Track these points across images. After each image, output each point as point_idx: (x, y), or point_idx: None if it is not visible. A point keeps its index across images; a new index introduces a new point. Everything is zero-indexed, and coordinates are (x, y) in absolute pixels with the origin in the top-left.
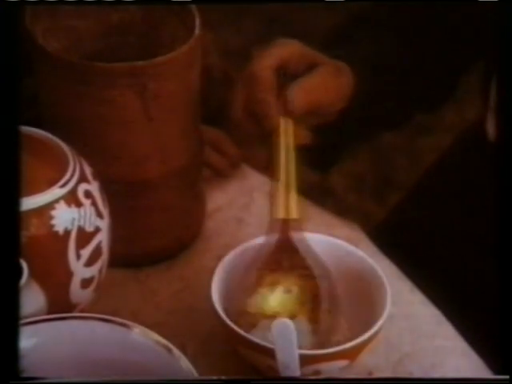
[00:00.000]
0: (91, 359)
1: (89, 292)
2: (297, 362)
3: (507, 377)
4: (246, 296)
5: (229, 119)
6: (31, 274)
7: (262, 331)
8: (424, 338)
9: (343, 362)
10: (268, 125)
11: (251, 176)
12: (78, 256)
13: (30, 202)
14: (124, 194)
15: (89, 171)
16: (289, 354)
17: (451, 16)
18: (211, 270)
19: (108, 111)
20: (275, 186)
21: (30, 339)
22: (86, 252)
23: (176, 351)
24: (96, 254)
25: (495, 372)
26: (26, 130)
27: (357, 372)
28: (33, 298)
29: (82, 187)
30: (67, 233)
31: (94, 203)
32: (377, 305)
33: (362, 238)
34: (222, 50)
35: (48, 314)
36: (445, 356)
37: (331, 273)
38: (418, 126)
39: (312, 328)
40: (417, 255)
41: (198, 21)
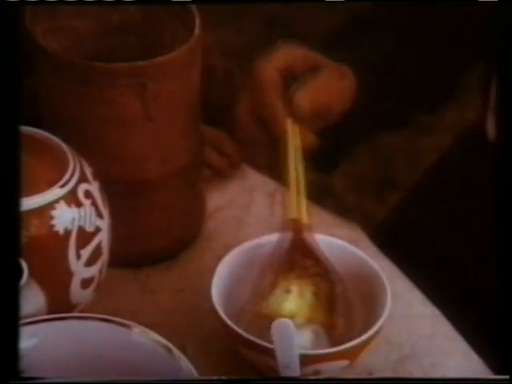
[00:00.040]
0: (91, 359)
1: (89, 292)
2: (297, 362)
3: (507, 377)
4: (262, 298)
5: (234, 123)
6: (31, 274)
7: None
8: (424, 338)
9: (343, 362)
10: (276, 128)
11: (251, 176)
12: (78, 256)
13: (30, 202)
14: (124, 193)
15: (89, 171)
16: (289, 354)
17: (451, 16)
18: (211, 270)
19: (108, 111)
20: (285, 188)
21: (30, 339)
22: (86, 252)
23: (176, 351)
24: (96, 254)
25: (495, 372)
26: (26, 130)
27: (357, 372)
28: (33, 298)
29: (82, 187)
30: (67, 233)
31: (94, 203)
32: (377, 305)
33: (362, 238)
34: (223, 50)
35: (48, 314)
36: (445, 356)
37: (343, 277)
38: (418, 126)
39: (328, 332)
40: (417, 255)
41: (198, 21)
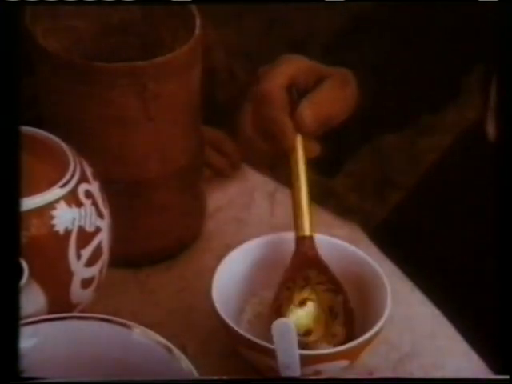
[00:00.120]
0: (91, 359)
1: (89, 292)
2: (297, 362)
3: (507, 377)
4: (279, 315)
5: (238, 134)
6: (31, 273)
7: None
8: (424, 338)
9: (344, 362)
10: (285, 144)
11: (251, 176)
12: (79, 256)
13: (30, 202)
14: (124, 193)
15: (89, 171)
16: (289, 354)
17: (451, 16)
18: (211, 270)
19: (108, 111)
20: (296, 205)
21: (30, 339)
22: (87, 252)
23: (176, 351)
24: (96, 253)
25: (495, 372)
26: (26, 129)
27: (357, 372)
28: (33, 298)
29: (83, 187)
30: (68, 233)
31: (95, 203)
32: (377, 305)
33: (363, 238)
34: (224, 50)
35: (48, 313)
36: (445, 356)
37: (344, 286)
38: (418, 126)
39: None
40: (417, 255)
41: (198, 21)
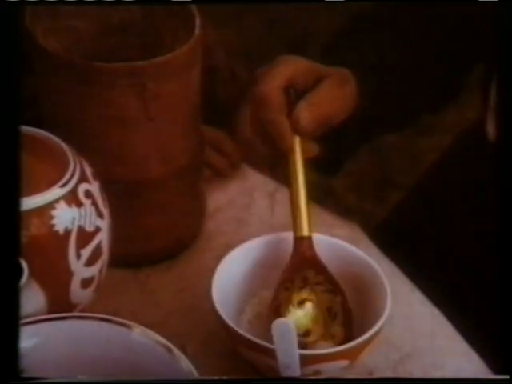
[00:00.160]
0: (91, 359)
1: (89, 292)
2: (297, 362)
3: (507, 377)
4: (278, 316)
5: (236, 135)
6: (31, 273)
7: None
8: (424, 338)
9: (343, 362)
10: (283, 145)
11: (251, 176)
12: (79, 256)
13: (30, 202)
14: (124, 193)
15: (89, 171)
16: (289, 354)
17: (451, 16)
18: (211, 270)
19: (108, 111)
20: (295, 205)
21: (30, 339)
22: (87, 252)
23: (176, 351)
24: (96, 253)
25: (495, 372)
26: (26, 129)
27: (357, 372)
28: (33, 298)
29: (83, 187)
30: (67, 233)
31: (95, 203)
32: (377, 305)
33: (362, 238)
34: (225, 50)
35: (48, 313)
36: (445, 356)
37: (342, 286)
38: (419, 126)
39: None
40: (417, 255)
41: (198, 21)
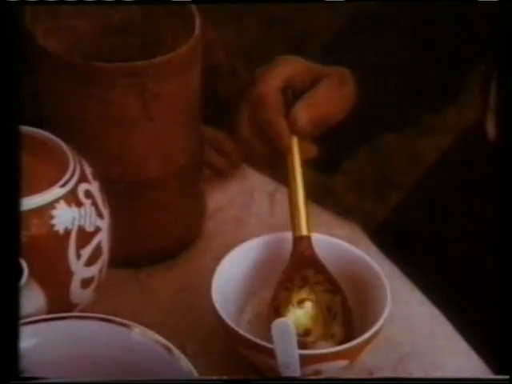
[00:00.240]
0: (91, 359)
1: (89, 292)
2: (297, 362)
3: (507, 377)
4: (278, 315)
5: (236, 136)
6: (31, 273)
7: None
8: (424, 337)
9: (343, 362)
10: (281, 145)
11: (251, 176)
12: (79, 256)
13: (30, 202)
14: (124, 194)
15: (89, 171)
16: (289, 354)
17: (451, 16)
18: (211, 270)
19: (108, 111)
20: (292, 206)
21: (30, 339)
22: (87, 252)
23: (176, 351)
24: (96, 253)
25: (495, 372)
26: (26, 129)
27: (357, 372)
28: (33, 298)
29: (83, 187)
30: (67, 232)
31: (95, 203)
32: (377, 305)
33: (362, 238)
34: (225, 50)
35: (48, 313)
36: (445, 356)
37: (342, 286)
38: (419, 126)
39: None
40: (417, 255)
41: (198, 21)
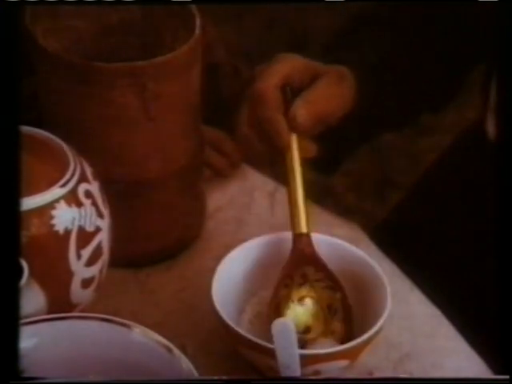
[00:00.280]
0: (91, 359)
1: (89, 292)
2: (297, 362)
3: (507, 377)
4: (278, 313)
5: (235, 134)
6: (31, 273)
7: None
8: (424, 337)
9: (343, 362)
10: (280, 142)
11: (251, 176)
12: (79, 256)
13: (30, 202)
14: (124, 193)
15: (89, 171)
16: (289, 354)
17: (451, 16)
18: (211, 270)
19: (108, 111)
20: (292, 203)
21: (30, 339)
22: (87, 252)
23: (176, 351)
24: (96, 253)
25: (495, 372)
26: (26, 129)
27: (357, 372)
28: (33, 298)
29: (83, 187)
30: (67, 233)
31: (95, 203)
32: (377, 305)
33: (362, 238)
34: (225, 49)
35: (48, 313)
36: (445, 356)
37: (342, 283)
38: (419, 126)
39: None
40: (417, 255)
41: (198, 21)
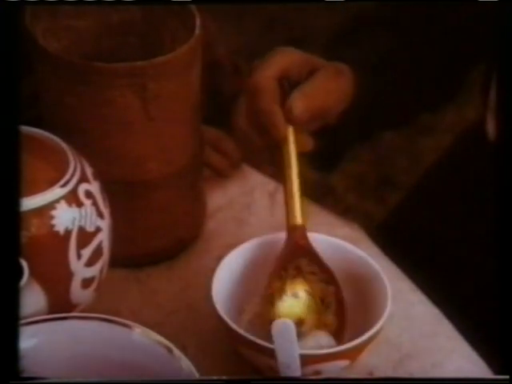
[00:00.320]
0: (91, 359)
1: (89, 292)
2: (297, 362)
3: (507, 377)
4: (270, 304)
5: (232, 126)
6: (32, 273)
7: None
8: (424, 338)
9: (344, 362)
10: (277, 135)
11: (251, 176)
12: (79, 256)
13: (30, 202)
14: (124, 194)
15: (89, 171)
16: (289, 354)
17: (451, 16)
18: (211, 270)
19: (108, 111)
20: (287, 195)
21: (30, 339)
22: (87, 252)
23: (176, 351)
24: (97, 253)
25: (495, 372)
26: (26, 129)
27: (357, 372)
28: (33, 298)
29: (83, 187)
30: (68, 233)
31: (95, 203)
32: (377, 305)
33: (363, 238)
34: (225, 48)
35: (48, 313)
36: (445, 356)
37: (336, 276)
38: (419, 126)
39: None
40: (417, 255)
41: (198, 21)
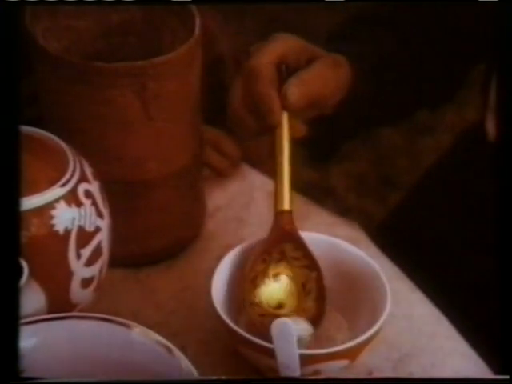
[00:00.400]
0: (91, 359)
1: (89, 292)
2: (297, 362)
3: (507, 377)
4: (254, 287)
5: (228, 115)
6: (31, 273)
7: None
8: (424, 337)
9: (343, 362)
10: (271, 119)
11: (251, 176)
12: (79, 256)
13: (30, 202)
14: (124, 193)
15: (89, 171)
16: (289, 353)
17: (451, 16)
18: (211, 270)
19: (108, 111)
20: (278, 179)
21: (30, 339)
22: (87, 252)
23: (176, 351)
24: (96, 253)
25: (495, 372)
26: (26, 129)
27: (357, 372)
28: (33, 298)
29: (83, 187)
30: (67, 232)
31: (95, 203)
32: (377, 305)
33: (363, 238)
34: (225, 47)
35: (48, 313)
36: (445, 356)
37: (318, 263)
38: (419, 125)
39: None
40: (417, 255)
41: (198, 21)
